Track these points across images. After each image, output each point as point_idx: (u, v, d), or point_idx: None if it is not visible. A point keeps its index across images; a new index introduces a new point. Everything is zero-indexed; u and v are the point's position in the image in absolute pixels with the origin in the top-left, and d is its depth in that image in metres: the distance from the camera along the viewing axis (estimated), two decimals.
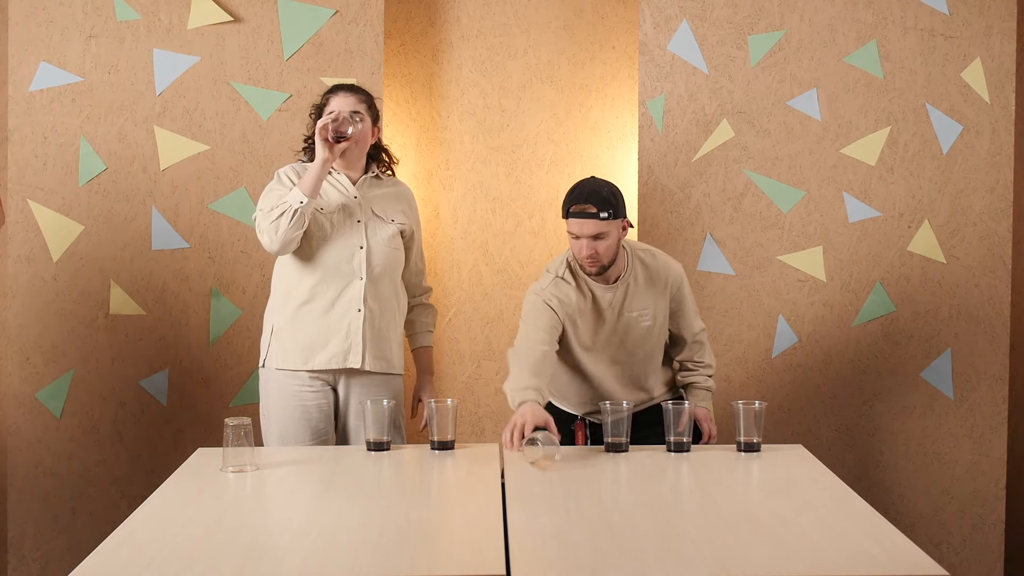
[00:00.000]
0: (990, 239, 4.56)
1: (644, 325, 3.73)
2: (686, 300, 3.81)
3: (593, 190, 3.57)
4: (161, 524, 2.77)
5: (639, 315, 3.71)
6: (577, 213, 3.55)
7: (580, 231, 3.56)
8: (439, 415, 3.52)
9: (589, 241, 3.56)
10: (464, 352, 4.78)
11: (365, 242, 3.80)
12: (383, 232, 3.82)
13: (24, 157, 4.44)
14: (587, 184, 3.61)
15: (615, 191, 3.60)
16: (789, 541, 2.60)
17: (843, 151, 4.55)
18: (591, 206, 3.54)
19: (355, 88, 3.84)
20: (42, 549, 4.52)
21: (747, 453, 3.47)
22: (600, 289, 3.69)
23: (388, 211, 3.86)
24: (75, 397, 4.49)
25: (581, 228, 3.55)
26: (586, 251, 3.57)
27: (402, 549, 2.64)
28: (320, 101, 3.86)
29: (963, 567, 4.61)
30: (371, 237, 3.81)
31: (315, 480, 3.20)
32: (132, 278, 4.48)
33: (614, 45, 4.75)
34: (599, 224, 3.54)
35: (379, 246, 3.81)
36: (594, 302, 3.70)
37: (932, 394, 4.60)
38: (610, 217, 3.54)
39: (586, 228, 3.55)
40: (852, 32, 4.53)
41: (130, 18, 4.43)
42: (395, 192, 3.92)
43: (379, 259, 3.81)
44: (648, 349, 3.77)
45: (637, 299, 3.71)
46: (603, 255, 3.59)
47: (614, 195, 3.58)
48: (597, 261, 3.59)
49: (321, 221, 3.76)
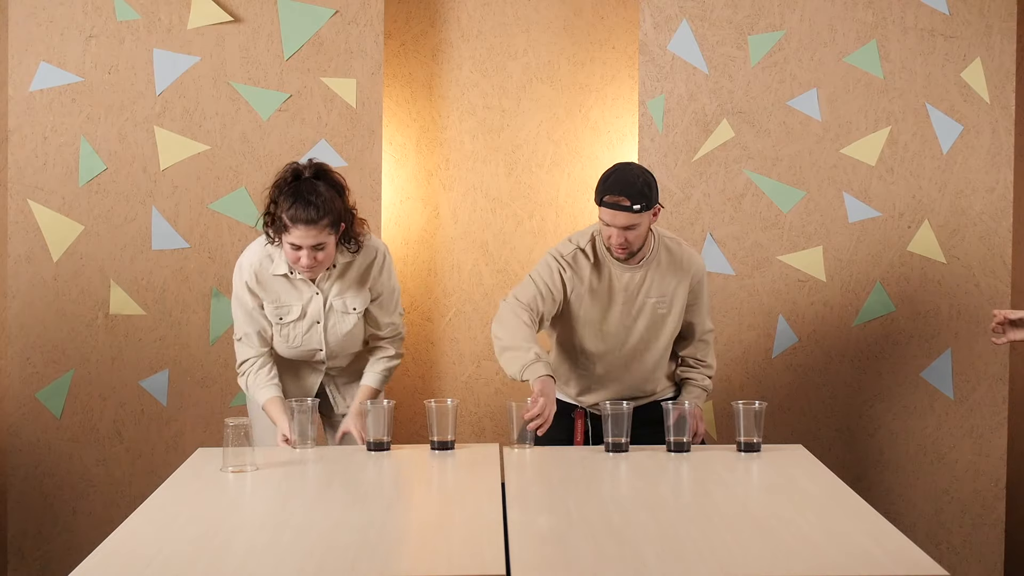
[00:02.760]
0: (990, 239, 4.56)
1: (660, 313, 3.71)
2: (703, 295, 3.80)
3: (628, 181, 3.55)
4: (161, 524, 2.77)
5: (657, 301, 3.70)
6: (611, 204, 3.53)
7: (612, 221, 3.55)
8: (439, 415, 3.52)
9: (620, 231, 3.56)
10: (464, 352, 4.78)
11: (324, 345, 3.74)
12: (343, 326, 3.72)
13: (24, 157, 4.44)
14: (622, 174, 3.58)
15: (650, 181, 3.58)
16: (789, 541, 2.60)
17: (843, 151, 4.55)
18: (624, 198, 3.53)
19: (315, 217, 3.47)
20: (42, 549, 4.52)
21: (747, 453, 3.47)
22: (619, 270, 3.68)
23: (348, 301, 3.71)
24: (75, 397, 4.49)
25: (614, 219, 3.55)
26: (616, 239, 3.57)
27: (402, 549, 2.64)
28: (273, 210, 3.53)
29: (963, 567, 4.61)
30: (330, 335, 3.73)
31: (315, 480, 3.20)
32: (132, 278, 4.48)
33: (614, 45, 4.75)
34: (631, 216, 3.54)
35: (337, 339, 3.74)
36: (609, 284, 3.69)
37: (932, 394, 4.60)
38: (643, 209, 3.54)
39: (619, 219, 3.54)
40: (852, 32, 4.53)
41: (130, 18, 4.43)
42: (357, 274, 3.70)
43: (339, 348, 3.77)
44: (659, 339, 3.75)
45: (657, 284, 3.70)
46: (633, 243, 3.60)
47: (648, 185, 3.56)
48: (627, 249, 3.60)
49: (282, 331, 3.73)
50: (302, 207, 3.46)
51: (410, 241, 4.76)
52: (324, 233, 3.49)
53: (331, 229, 3.51)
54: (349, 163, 4.50)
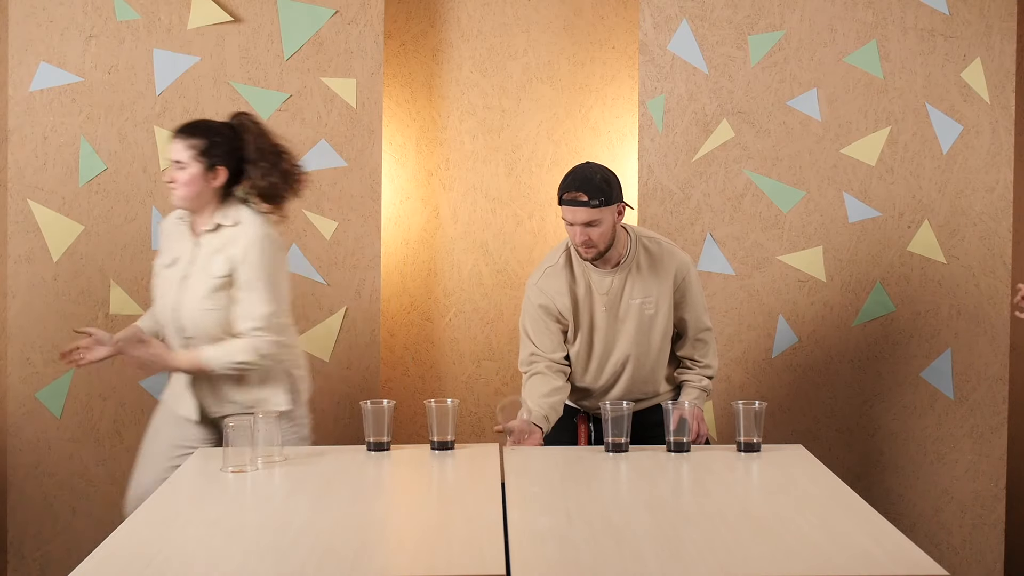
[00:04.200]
0: (990, 239, 4.56)
1: (648, 314, 3.71)
2: (691, 292, 3.75)
3: (586, 177, 3.55)
4: (161, 524, 2.77)
5: (642, 302, 3.69)
6: (569, 201, 3.54)
7: (573, 218, 3.56)
8: (439, 415, 3.51)
9: (582, 228, 3.56)
10: (464, 352, 4.78)
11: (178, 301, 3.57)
12: (196, 290, 3.54)
13: (24, 157, 4.44)
14: (580, 171, 3.59)
15: (608, 177, 3.58)
16: (789, 541, 2.60)
17: (843, 151, 4.55)
18: (582, 194, 3.53)
19: (185, 130, 3.52)
20: (42, 549, 4.52)
21: (747, 453, 3.47)
22: (598, 275, 3.68)
23: (214, 263, 3.54)
24: (75, 397, 4.49)
25: (574, 216, 3.55)
26: (579, 237, 3.57)
27: (402, 549, 2.64)
28: None
29: (963, 567, 4.61)
30: (187, 298, 3.55)
31: (315, 480, 3.20)
32: (132, 278, 4.48)
33: (614, 45, 4.75)
34: (591, 212, 3.53)
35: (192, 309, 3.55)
36: (589, 291, 3.69)
37: (932, 394, 4.60)
38: (602, 204, 3.53)
39: (578, 216, 3.54)
40: (852, 32, 4.53)
41: (130, 18, 4.44)
42: (231, 236, 3.54)
43: (190, 322, 3.57)
44: (654, 342, 3.74)
45: (639, 285, 3.69)
46: (597, 241, 3.58)
47: (607, 181, 3.56)
48: (592, 247, 3.59)
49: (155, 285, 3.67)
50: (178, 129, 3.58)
51: (410, 241, 4.76)
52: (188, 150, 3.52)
53: (197, 151, 3.52)
54: (349, 163, 4.50)
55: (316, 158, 4.48)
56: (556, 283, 3.69)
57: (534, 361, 3.71)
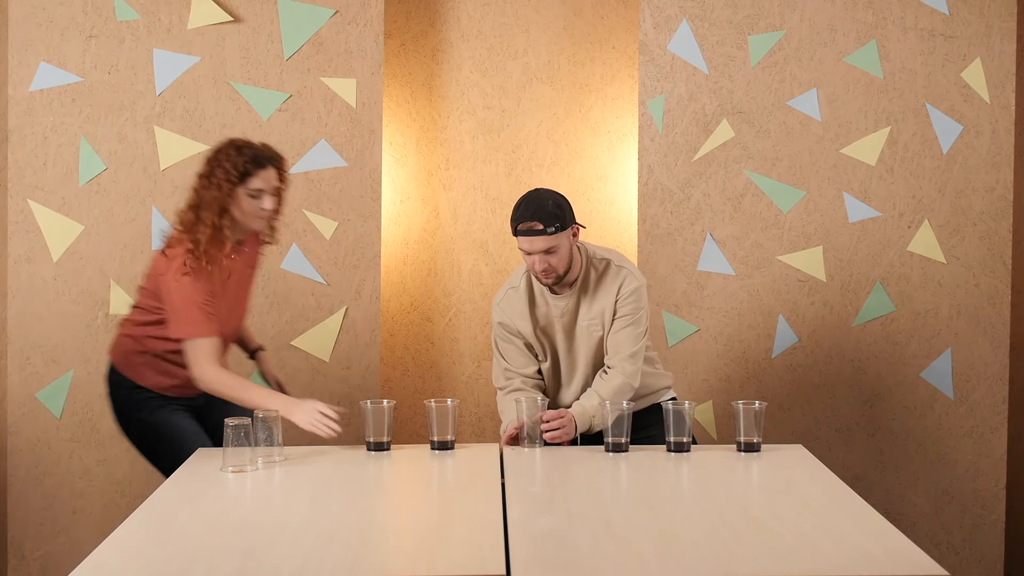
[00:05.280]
0: (990, 239, 4.56)
1: (596, 335, 3.70)
2: (627, 312, 3.65)
3: (539, 206, 3.55)
4: (161, 524, 2.77)
5: (589, 324, 3.68)
6: (525, 231, 3.54)
7: (531, 248, 3.55)
8: (439, 415, 3.51)
9: (541, 256, 3.56)
10: (464, 352, 4.78)
11: None
12: None
13: (24, 157, 4.44)
14: (532, 200, 3.58)
15: (560, 202, 3.58)
16: (789, 541, 2.60)
17: (843, 151, 4.55)
18: (537, 223, 3.53)
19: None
20: (42, 549, 4.52)
21: (747, 453, 3.47)
22: (553, 299, 3.69)
23: None
24: (75, 397, 4.49)
25: (531, 245, 3.54)
26: (539, 266, 3.58)
27: (402, 549, 2.64)
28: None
29: (963, 567, 4.61)
30: None
31: (315, 480, 3.20)
32: (132, 278, 4.48)
33: (614, 45, 4.75)
34: (548, 239, 3.53)
35: None
36: (547, 315, 3.70)
37: (932, 394, 4.60)
38: (558, 230, 3.53)
39: (536, 244, 3.54)
40: (852, 32, 4.53)
41: (130, 18, 4.43)
42: None
43: None
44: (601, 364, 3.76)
45: (587, 306, 3.68)
46: (557, 266, 3.58)
47: (560, 207, 3.56)
48: (552, 273, 3.59)
49: None
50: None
51: (410, 241, 4.76)
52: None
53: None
54: (349, 163, 4.50)
55: (316, 158, 4.48)
56: (517, 306, 3.70)
57: (510, 377, 3.73)
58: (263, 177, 3.55)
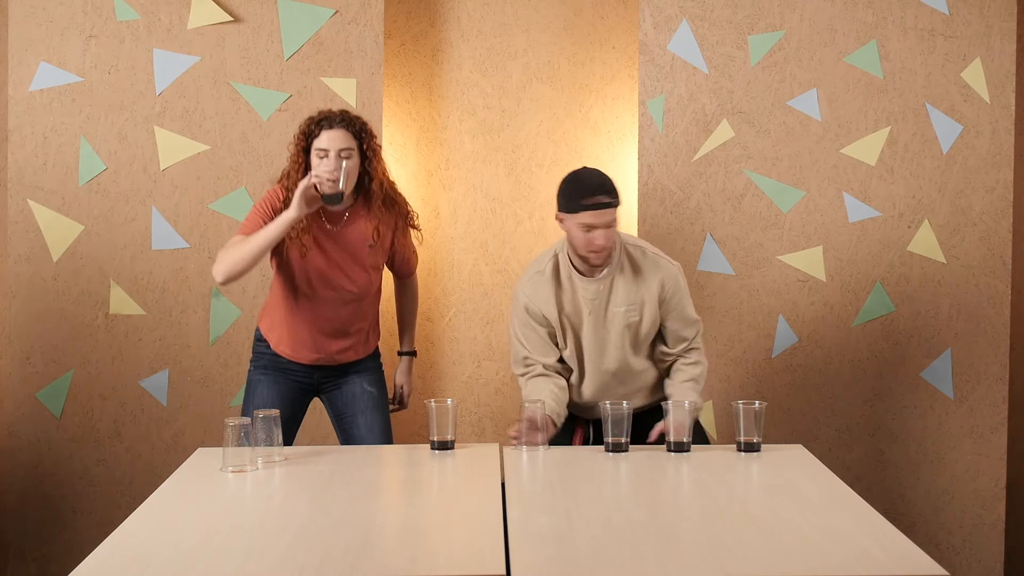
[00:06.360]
0: (990, 239, 4.56)
1: (632, 320, 3.69)
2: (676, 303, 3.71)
3: (600, 181, 3.59)
4: (161, 524, 2.77)
5: (627, 310, 3.68)
6: (594, 205, 3.53)
7: (600, 220, 3.54)
8: (439, 415, 3.52)
9: (606, 231, 3.56)
10: (464, 352, 4.78)
11: None
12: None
13: (24, 157, 4.44)
14: (592, 175, 3.61)
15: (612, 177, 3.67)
16: (789, 541, 2.60)
17: (843, 151, 4.55)
18: (604, 196, 3.55)
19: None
20: (42, 549, 4.52)
21: (747, 453, 3.47)
22: (583, 283, 3.67)
23: None
24: (75, 397, 4.49)
25: (601, 218, 3.54)
26: (603, 241, 3.56)
27: (402, 549, 2.64)
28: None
29: (963, 567, 4.62)
30: None
31: (315, 480, 3.20)
32: (132, 278, 4.48)
33: (614, 45, 4.75)
34: (615, 212, 3.57)
35: None
36: (575, 298, 3.69)
37: (932, 394, 4.60)
38: (618, 203, 3.59)
39: (606, 217, 3.54)
40: (852, 32, 4.53)
41: (130, 18, 4.44)
42: None
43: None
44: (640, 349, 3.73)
45: (623, 293, 3.67)
46: (614, 242, 3.62)
47: (613, 181, 3.63)
48: (606, 250, 3.59)
49: None
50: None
51: None
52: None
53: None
54: None
55: None
56: (543, 291, 3.69)
57: (530, 364, 3.71)
58: (328, 137, 3.71)
